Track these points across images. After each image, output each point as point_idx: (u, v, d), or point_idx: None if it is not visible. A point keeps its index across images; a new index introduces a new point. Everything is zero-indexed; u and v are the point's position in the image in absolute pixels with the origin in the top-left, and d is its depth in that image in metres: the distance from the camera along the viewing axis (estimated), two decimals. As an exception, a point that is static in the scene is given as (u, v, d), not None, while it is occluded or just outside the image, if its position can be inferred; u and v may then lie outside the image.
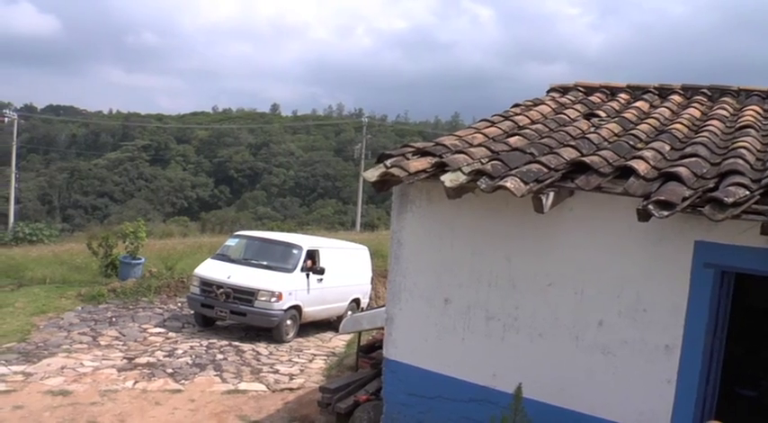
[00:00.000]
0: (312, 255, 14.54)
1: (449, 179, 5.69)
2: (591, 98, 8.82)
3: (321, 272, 14.35)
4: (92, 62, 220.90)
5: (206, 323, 14.12)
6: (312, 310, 14.39)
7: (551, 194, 5.51)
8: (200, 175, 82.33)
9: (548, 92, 9.32)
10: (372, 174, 6.16)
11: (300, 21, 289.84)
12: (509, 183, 5.37)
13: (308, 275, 14.19)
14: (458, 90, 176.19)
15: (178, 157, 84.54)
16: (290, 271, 13.97)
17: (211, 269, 14.11)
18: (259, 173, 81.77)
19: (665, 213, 4.76)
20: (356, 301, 16.25)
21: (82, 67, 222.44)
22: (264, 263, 14.18)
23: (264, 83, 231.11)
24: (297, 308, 13.91)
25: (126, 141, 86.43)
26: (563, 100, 8.77)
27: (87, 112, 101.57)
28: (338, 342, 14.25)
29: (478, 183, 5.58)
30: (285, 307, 13.52)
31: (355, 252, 16.92)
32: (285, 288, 13.59)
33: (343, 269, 15.36)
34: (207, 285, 13.69)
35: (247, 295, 13.38)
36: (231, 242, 15.58)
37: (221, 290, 13.41)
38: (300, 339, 14.07)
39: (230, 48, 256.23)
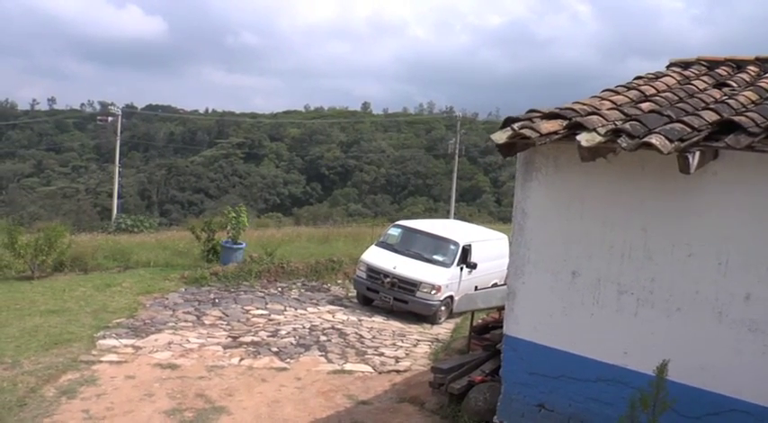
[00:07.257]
0: (466, 250, 15.40)
1: (585, 139, 5.33)
2: (717, 71, 8.25)
3: (474, 266, 15.36)
4: (191, 62, 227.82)
5: (366, 302, 15.50)
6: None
7: (697, 154, 5.12)
8: (292, 173, 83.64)
9: (668, 67, 8.78)
10: (500, 136, 5.87)
11: (398, 18, 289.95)
12: (654, 139, 5.00)
13: (461, 269, 15.20)
14: (553, 88, 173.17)
15: (271, 154, 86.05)
16: (447, 266, 15.09)
17: (377, 257, 15.43)
18: (350, 170, 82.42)
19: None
20: (494, 285, 16.39)
21: (181, 67, 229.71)
22: (425, 256, 15.36)
23: (359, 81, 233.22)
24: (450, 297, 15.02)
25: (221, 139, 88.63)
26: (687, 73, 8.24)
27: (184, 112, 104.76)
28: (440, 330, 14.07)
29: (619, 141, 5.20)
30: (442, 298, 14.71)
31: (498, 242, 17.32)
32: (443, 282, 14.74)
33: (487, 258, 15.98)
34: (373, 272, 15.07)
35: (411, 286, 14.65)
36: (393, 231, 16.64)
37: (388, 279, 14.73)
38: (402, 325, 13.93)
39: (327, 47, 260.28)
